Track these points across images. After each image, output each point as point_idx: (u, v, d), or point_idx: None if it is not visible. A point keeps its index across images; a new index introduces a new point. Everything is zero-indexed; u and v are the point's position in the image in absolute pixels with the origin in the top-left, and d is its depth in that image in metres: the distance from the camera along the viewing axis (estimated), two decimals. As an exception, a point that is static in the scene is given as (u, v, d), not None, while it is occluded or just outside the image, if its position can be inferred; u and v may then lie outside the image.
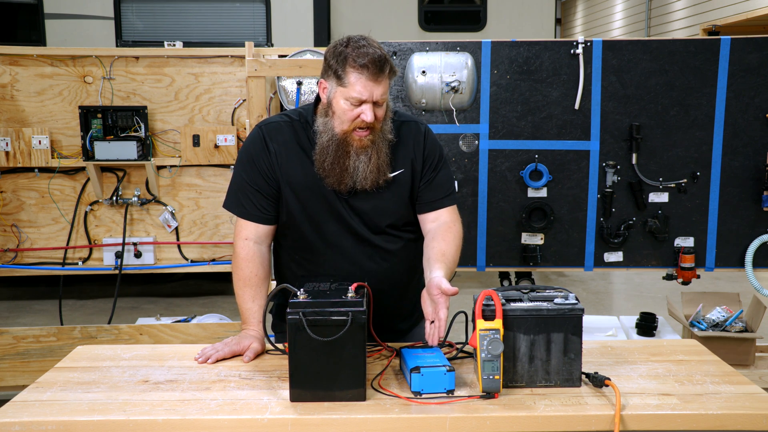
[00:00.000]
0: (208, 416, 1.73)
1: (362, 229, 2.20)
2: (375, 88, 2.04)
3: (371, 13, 7.15)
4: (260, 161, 2.19)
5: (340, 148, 2.11)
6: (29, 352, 3.93)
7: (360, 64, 2.03)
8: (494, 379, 1.80)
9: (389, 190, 2.19)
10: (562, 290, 1.94)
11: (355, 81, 2.04)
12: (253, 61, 3.78)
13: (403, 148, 2.22)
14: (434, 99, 3.60)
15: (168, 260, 4.25)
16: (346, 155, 2.11)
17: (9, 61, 4.03)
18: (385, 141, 2.15)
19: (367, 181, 2.13)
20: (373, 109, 2.06)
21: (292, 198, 2.19)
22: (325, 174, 2.13)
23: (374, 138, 2.12)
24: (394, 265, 2.25)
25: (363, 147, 2.11)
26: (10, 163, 4.03)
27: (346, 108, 2.07)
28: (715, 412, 1.74)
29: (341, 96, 2.07)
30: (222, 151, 4.07)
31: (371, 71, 2.03)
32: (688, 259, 3.66)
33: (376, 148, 2.12)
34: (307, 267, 2.25)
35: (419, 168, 2.24)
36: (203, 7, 6.46)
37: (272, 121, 2.25)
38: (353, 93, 2.04)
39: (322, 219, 2.20)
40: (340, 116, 2.09)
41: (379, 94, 2.05)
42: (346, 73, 2.04)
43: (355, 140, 2.10)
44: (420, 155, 2.24)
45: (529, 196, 3.69)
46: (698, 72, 3.59)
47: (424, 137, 2.26)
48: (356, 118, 2.07)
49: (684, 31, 11.54)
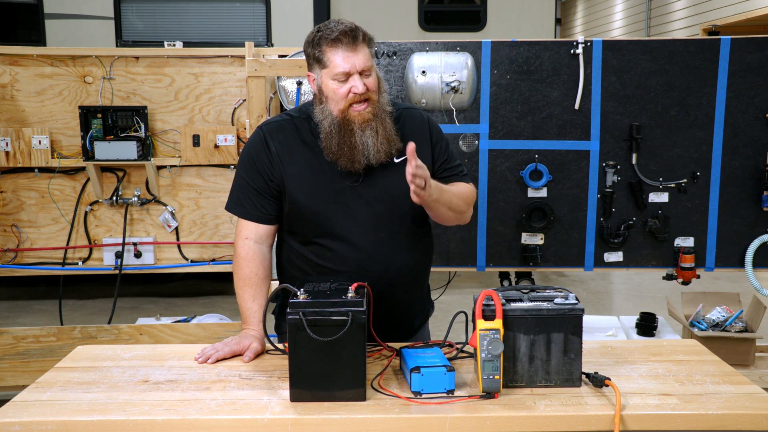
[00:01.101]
0: (208, 416, 1.73)
1: (370, 220, 2.19)
2: (355, 57, 2.07)
3: (371, 13, 7.15)
4: (261, 162, 2.20)
5: (343, 128, 2.12)
6: (29, 352, 3.93)
7: (333, 38, 2.07)
8: (494, 379, 1.80)
9: (397, 177, 2.17)
10: (562, 290, 1.94)
11: (333, 57, 2.08)
12: (253, 61, 3.78)
13: (408, 134, 2.22)
14: (434, 99, 3.60)
15: (168, 260, 4.25)
16: (351, 133, 2.12)
17: (9, 61, 4.03)
18: (386, 113, 2.17)
19: (380, 153, 2.13)
20: (362, 79, 2.09)
21: (299, 193, 2.18)
22: (335, 157, 2.14)
23: (374, 110, 2.13)
24: (403, 257, 2.24)
25: (365, 121, 2.12)
26: (10, 163, 4.03)
27: (336, 87, 2.10)
28: (715, 412, 1.74)
29: (327, 77, 2.10)
30: (222, 151, 4.07)
31: (345, 42, 2.07)
32: (688, 259, 3.66)
33: (379, 119, 2.13)
34: (316, 261, 2.23)
35: (428, 153, 2.25)
36: (203, 7, 6.46)
37: (273, 121, 2.26)
38: (337, 69, 2.08)
39: (329, 212, 2.19)
40: (333, 97, 2.12)
41: (361, 62, 2.08)
42: (323, 53, 2.09)
43: (355, 116, 2.11)
44: (427, 142, 2.26)
45: (529, 196, 3.69)
46: (698, 72, 3.59)
47: (428, 124, 2.29)
48: (348, 93, 2.09)
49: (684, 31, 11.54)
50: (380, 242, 2.20)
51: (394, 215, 2.21)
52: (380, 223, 2.20)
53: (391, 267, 2.20)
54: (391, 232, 2.22)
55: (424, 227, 2.32)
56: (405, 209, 2.22)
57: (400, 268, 2.24)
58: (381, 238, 2.20)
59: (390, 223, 2.21)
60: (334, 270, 2.19)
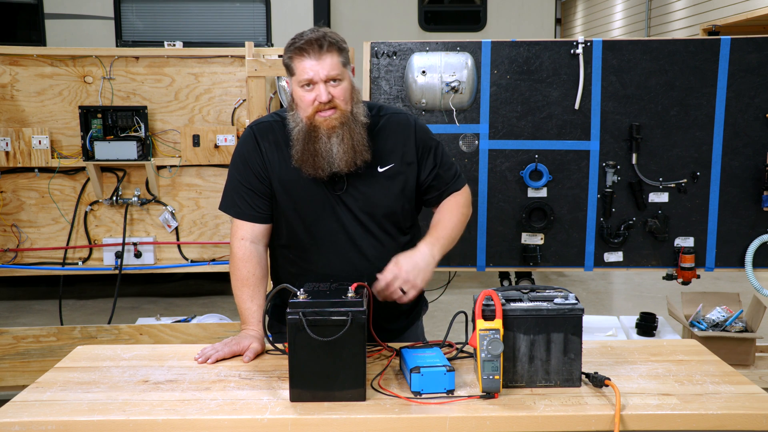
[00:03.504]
0: (208, 416, 1.73)
1: (354, 227, 2.20)
2: (319, 65, 2.08)
3: (371, 13, 7.15)
4: (253, 161, 2.21)
5: (309, 135, 2.13)
6: (29, 352, 3.93)
7: (298, 47, 2.09)
8: (494, 379, 1.80)
9: (381, 186, 2.20)
10: (562, 290, 1.94)
11: (299, 64, 2.09)
12: (253, 61, 3.78)
13: (392, 142, 2.22)
14: (434, 99, 3.60)
15: (168, 260, 4.25)
16: (316, 139, 2.12)
17: (9, 61, 4.03)
18: (358, 123, 2.15)
19: (342, 162, 2.13)
20: (328, 87, 2.09)
21: (284, 197, 2.20)
22: (300, 163, 2.14)
23: (342, 119, 2.12)
24: (386, 264, 2.24)
25: (331, 128, 2.12)
26: (10, 163, 4.02)
27: (302, 94, 2.11)
28: (715, 412, 1.74)
29: (296, 84, 2.13)
30: (222, 151, 4.07)
31: (310, 51, 2.08)
32: (688, 259, 3.66)
33: (347, 128, 2.13)
34: (302, 265, 2.25)
35: (413, 160, 2.24)
36: (203, 7, 6.46)
37: (263, 121, 2.28)
38: (302, 76, 2.09)
39: (314, 217, 2.20)
40: (300, 104, 2.13)
41: (326, 71, 2.08)
42: (292, 61, 2.12)
43: (321, 122, 2.12)
44: (411, 147, 2.24)
45: (529, 196, 3.69)
46: (698, 72, 3.59)
47: (414, 130, 2.26)
48: (314, 101, 2.10)
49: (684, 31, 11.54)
50: (365, 249, 2.21)
51: (378, 223, 2.22)
52: (365, 230, 2.21)
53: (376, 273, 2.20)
54: (376, 240, 2.23)
55: (409, 233, 2.32)
56: (389, 217, 2.24)
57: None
58: (366, 245, 2.21)
59: (374, 231, 2.22)
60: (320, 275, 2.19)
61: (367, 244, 2.22)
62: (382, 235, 2.24)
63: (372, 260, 2.22)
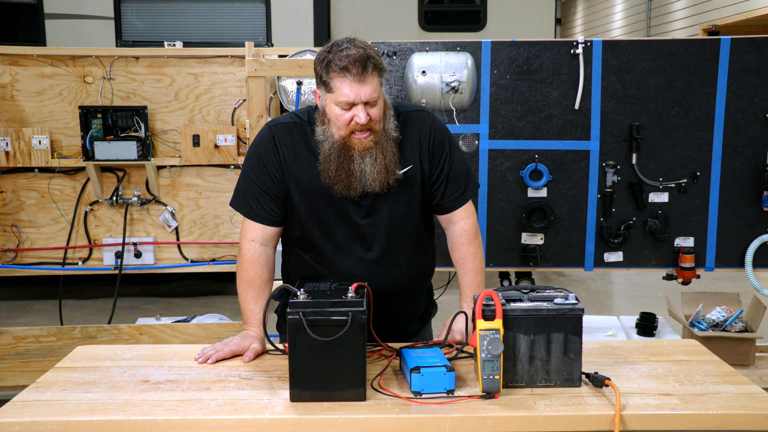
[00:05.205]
0: (208, 416, 1.73)
1: (372, 232, 2.18)
2: (361, 88, 2.01)
3: (371, 13, 7.15)
4: (269, 163, 2.16)
5: (342, 154, 2.08)
6: (29, 352, 3.93)
7: (341, 67, 1.99)
8: (494, 379, 1.80)
9: (400, 191, 2.16)
10: (562, 290, 1.94)
11: (340, 85, 2.01)
12: (253, 61, 3.78)
13: (410, 142, 2.18)
14: (434, 99, 3.60)
15: (168, 260, 4.25)
16: (350, 159, 2.08)
17: (9, 61, 4.03)
18: (390, 139, 2.12)
19: (376, 182, 2.09)
20: (366, 109, 2.03)
21: (301, 200, 2.17)
22: (332, 182, 2.10)
23: (376, 138, 2.08)
24: (403, 269, 2.24)
25: (366, 149, 2.08)
26: (10, 163, 4.03)
27: (339, 113, 2.04)
28: (715, 412, 1.74)
29: (331, 102, 2.05)
30: (222, 151, 4.07)
31: (354, 72, 1.99)
32: (688, 259, 3.66)
33: (380, 148, 2.09)
34: (317, 269, 2.23)
35: (427, 157, 2.19)
36: (203, 7, 6.45)
37: (282, 122, 2.21)
38: (341, 97, 2.01)
39: (331, 222, 2.18)
40: (335, 122, 2.07)
41: (367, 94, 2.02)
42: (331, 79, 2.02)
43: (356, 143, 2.07)
44: (426, 146, 2.19)
45: (529, 196, 3.69)
46: (698, 72, 3.59)
47: (430, 127, 2.21)
48: (350, 121, 2.04)
49: (684, 31, 11.54)
50: (382, 256, 2.20)
51: (396, 231, 2.20)
52: (382, 238, 2.19)
53: (392, 280, 2.20)
54: (393, 247, 2.21)
55: (426, 242, 2.31)
56: (407, 226, 2.22)
57: (400, 282, 2.24)
58: (383, 252, 2.20)
59: (392, 239, 2.20)
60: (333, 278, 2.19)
61: (384, 249, 2.20)
62: (399, 241, 2.22)
63: (388, 266, 2.21)
